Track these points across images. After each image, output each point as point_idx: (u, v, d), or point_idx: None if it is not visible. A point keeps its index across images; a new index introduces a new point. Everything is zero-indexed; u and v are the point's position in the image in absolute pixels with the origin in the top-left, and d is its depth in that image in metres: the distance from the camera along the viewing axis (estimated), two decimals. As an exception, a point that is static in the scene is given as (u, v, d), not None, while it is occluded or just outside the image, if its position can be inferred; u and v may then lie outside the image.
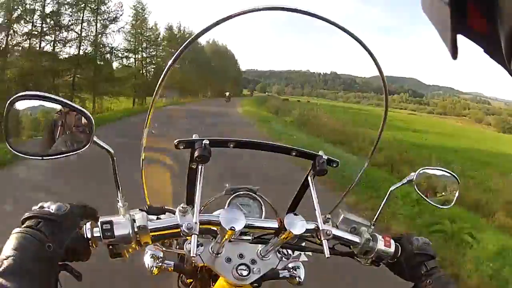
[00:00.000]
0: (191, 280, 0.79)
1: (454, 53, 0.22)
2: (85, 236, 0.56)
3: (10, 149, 0.51)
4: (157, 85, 0.58)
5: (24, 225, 0.51)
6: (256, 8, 0.51)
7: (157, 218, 0.62)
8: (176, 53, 0.55)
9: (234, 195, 0.77)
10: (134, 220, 0.57)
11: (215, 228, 0.62)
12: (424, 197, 0.78)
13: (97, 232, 0.56)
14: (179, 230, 0.59)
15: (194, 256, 0.56)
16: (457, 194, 0.80)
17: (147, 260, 0.74)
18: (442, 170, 0.81)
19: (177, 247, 0.75)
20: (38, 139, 0.55)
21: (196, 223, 0.58)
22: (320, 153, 0.73)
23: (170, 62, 0.56)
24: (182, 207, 0.60)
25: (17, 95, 0.50)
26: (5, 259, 0.45)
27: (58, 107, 0.53)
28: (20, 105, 0.52)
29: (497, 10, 0.19)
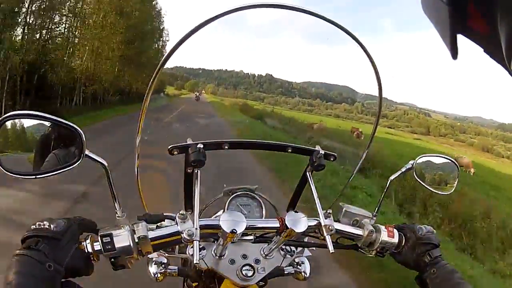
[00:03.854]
0: (196, 283, 0.80)
1: (454, 53, 0.22)
2: (86, 251, 0.56)
3: (2, 170, 0.51)
4: (148, 90, 0.55)
5: (24, 244, 0.51)
6: (253, 4, 0.49)
7: (157, 226, 0.62)
8: (166, 55, 0.53)
9: (232, 195, 0.77)
10: (134, 231, 0.57)
11: (216, 232, 0.62)
12: (424, 184, 0.78)
13: (97, 246, 0.56)
14: (180, 237, 0.59)
15: (197, 263, 0.55)
16: (457, 180, 0.80)
17: (151, 267, 0.74)
18: (442, 157, 0.80)
19: (179, 252, 0.75)
20: (29, 158, 0.55)
21: (196, 229, 0.58)
22: (317, 148, 0.72)
23: (159, 64, 0.53)
24: (181, 214, 0.60)
25: (5, 116, 0.50)
26: (8, 283, 0.45)
27: (47, 124, 0.53)
28: (9, 125, 0.51)
29: (497, 10, 0.19)
